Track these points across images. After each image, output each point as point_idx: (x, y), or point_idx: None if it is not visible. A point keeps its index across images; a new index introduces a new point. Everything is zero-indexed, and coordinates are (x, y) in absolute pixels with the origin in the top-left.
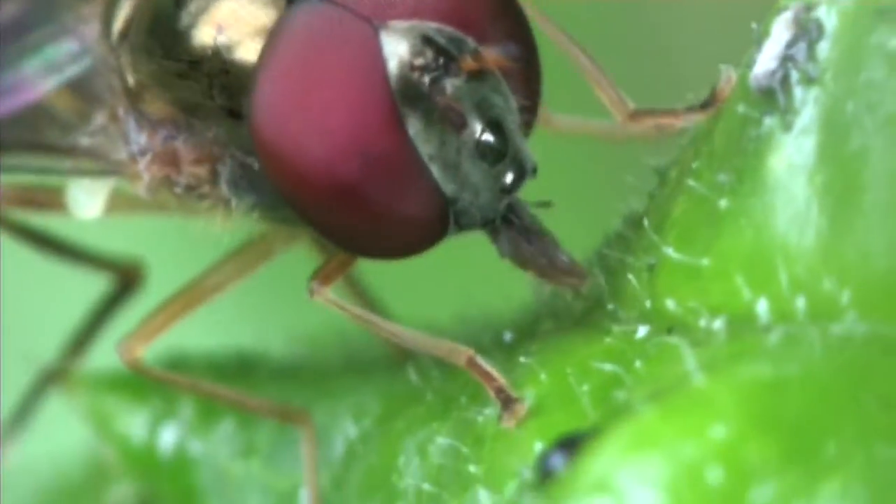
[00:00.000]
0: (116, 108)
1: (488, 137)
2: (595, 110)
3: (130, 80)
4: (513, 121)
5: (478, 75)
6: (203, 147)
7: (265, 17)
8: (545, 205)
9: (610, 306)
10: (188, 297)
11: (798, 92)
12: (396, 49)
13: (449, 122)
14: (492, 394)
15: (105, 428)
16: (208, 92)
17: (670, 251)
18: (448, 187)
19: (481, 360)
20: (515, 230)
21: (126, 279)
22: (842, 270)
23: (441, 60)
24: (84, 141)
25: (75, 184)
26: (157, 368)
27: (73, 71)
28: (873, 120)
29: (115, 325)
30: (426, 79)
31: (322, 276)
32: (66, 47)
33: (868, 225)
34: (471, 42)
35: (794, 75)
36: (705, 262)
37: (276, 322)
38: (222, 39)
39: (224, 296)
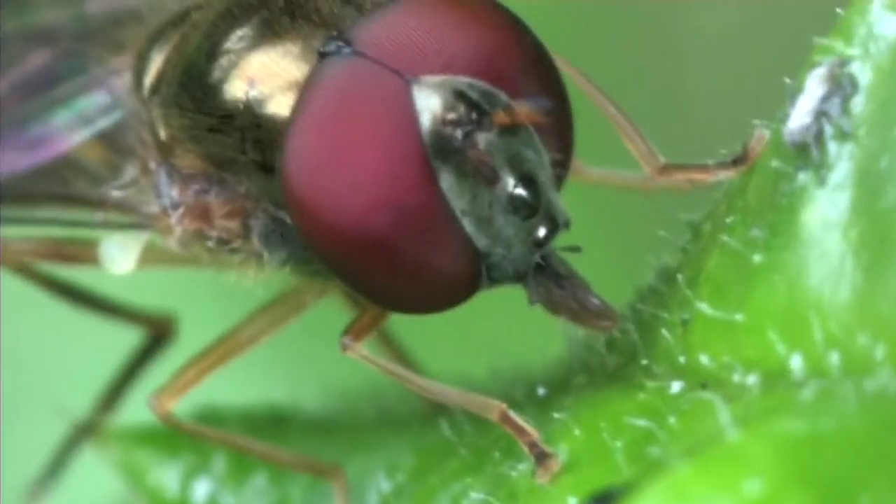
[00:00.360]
0: (147, 161)
1: (521, 192)
2: (626, 162)
3: (162, 133)
4: (545, 175)
5: (510, 130)
6: (235, 201)
7: (297, 71)
8: (574, 249)
9: (644, 361)
10: (221, 351)
11: (832, 147)
12: (429, 103)
13: (481, 176)
14: (525, 448)
15: (138, 481)
16: (240, 146)
17: (704, 306)
18: (481, 242)
19: (514, 415)
20: (545, 275)
21: (158, 332)
22: (876, 326)
23: (473, 115)
24: (115, 194)
25: (108, 238)
26: (189, 422)
27: (103, 123)
28: None
29: (148, 378)
30: (459, 133)
31: (354, 331)
32: (96, 99)
33: None
34: (503, 96)
35: (829, 130)
36: (739, 317)
37: (309, 376)
38: (254, 94)
39: (256, 349)
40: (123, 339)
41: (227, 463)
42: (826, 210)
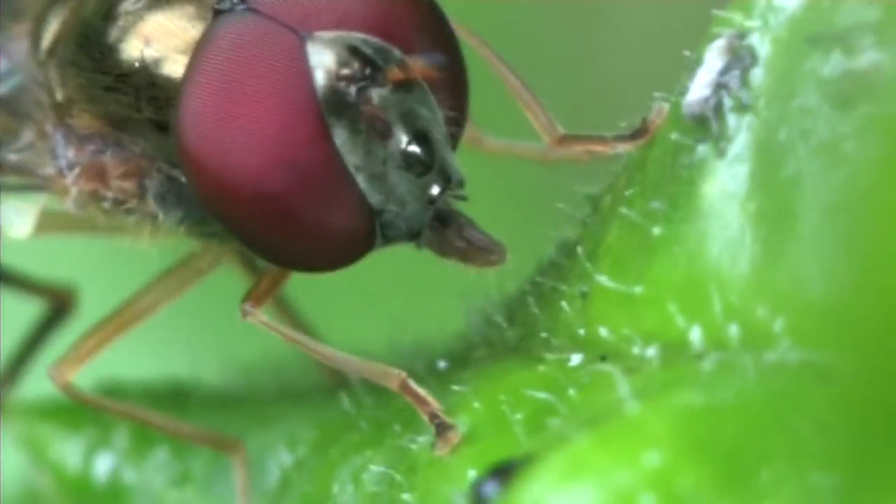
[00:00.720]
0: (44, 124)
1: (414, 148)
2: (525, 134)
3: (59, 95)
4: (439, 132)
5: (404, 86)
6: (130, 161)
7: (192, 29)
8: (462, 198)
9: (543, 334)
10: (120, 319)
11: (731, 119)
12: (322, 59)
13: (375, 131)
14: (425, 418)
15: (40, 456)
16: (136, 105)
17: (603, 279)
18: (374, 198)
19: (414, 384)
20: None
21: (59, 304)
22: (775, 298)
23: (367, 71)
24: (11, 157)
25: (4, 202)
26: (90, 393)
27: (1, 89)
28: (806, 147)
29: (49, 350)
30: (352, 89)
31: (253, 297)
32: None
33: (801, 252)
34: (397, 52)
35: (728, 102)
36: (638, 289)
37: (210, 350)
38: (150, 52)
39: (156, 324)
40: (21, 311)
41: (129, 437)
42: (725, 182)
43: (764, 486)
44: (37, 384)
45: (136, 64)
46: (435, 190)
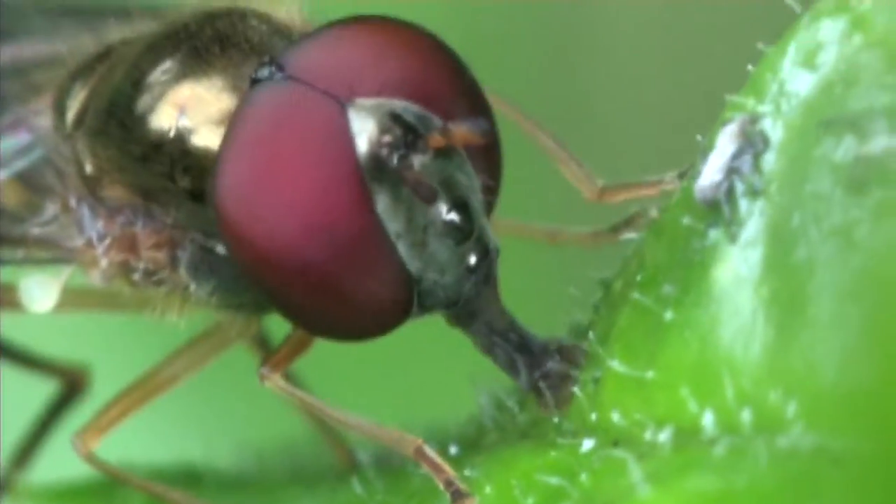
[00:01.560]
0: (68, 197)
1: (455, 216)
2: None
3: (87, 166)
4: (477, 200)
5: (444, 153)
6: (162, 231)
7: (228, 97)
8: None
9: (555, 419)
10: (144, 389)
11: (743, 204)
12: (364, 126)
13: (420, 196)
14: (441, 486)
15: None
16: (170, 174)
17: (615, 364)
18: (414, 266)
19: (430, 451)
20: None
21: (72, 383)
22: (788, 383)
23: (409, 137)
24: (35, 231)
25: (27, 278)
26: (111, 464)
27: (22, 164)
28: (819, 231)
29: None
30: (394, 156)
31: (273, 361)
32: (15, 140)
33: (814, 337)
34: (437, 119)
35: (740, 187)
36: (650, 374)
37: (224, 433)
38: (184, 122)
39: (169, 406)
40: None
41: None
42: (737, 267)
43: None
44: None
45: (170, 133)
46: (473, 259)
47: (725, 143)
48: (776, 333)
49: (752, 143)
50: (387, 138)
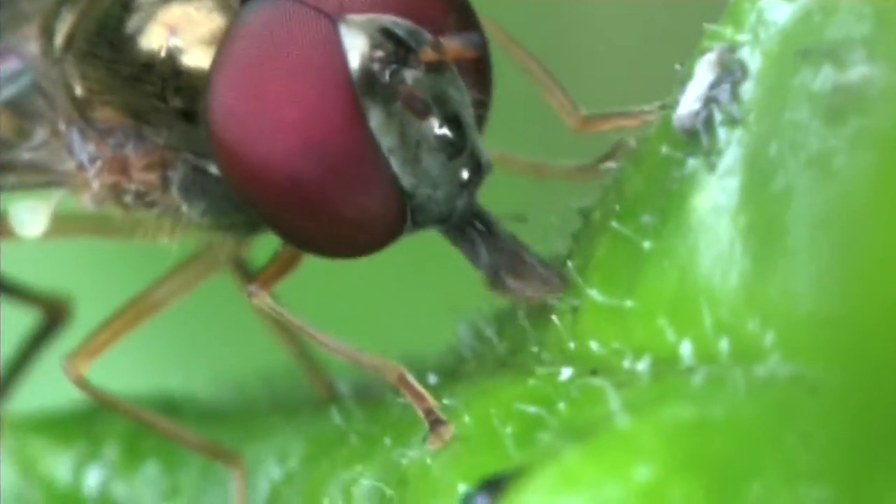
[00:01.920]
0: (58, 121)
1: (447, 130)
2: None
3: (77, 88)
4: (469, 115)
5: (436, 68)
6: (154, 152)
7: (219, 16)
8: (520, 219)
9: (534, 348)
10: (133, 313)
11: (722, 133)
12: (356, 42)
13: (413, 110)
14: (420, 413)
15: (30, 470)
16: (160, 95)
17: (594, 293)
18: (406, 180)
19: (412, 379)
20: (482, 237)
21: (54, 314)
22: (765, 312)
23: (401, 52)
24: (25, 156)
25: (16, 203)
26: (101, 389)
27: (11, 91)
28: (796, 160)
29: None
30: (386, 71)
31: (262, 279)
32: (4, 68)
33: (791, 266)
34: (428, 34)
35: (718, 116)
36: (629, 303)
37: (201, 364)
38: (175, 42)
39: (147, 337)
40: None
41: (119, 451)
42: (716, 196)
43: (755, 500)
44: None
45: (161, 53)
46: (465, 174)
47: (704, 72)
48: (754, 262)
49: (731, 71)
50: (378, 53)
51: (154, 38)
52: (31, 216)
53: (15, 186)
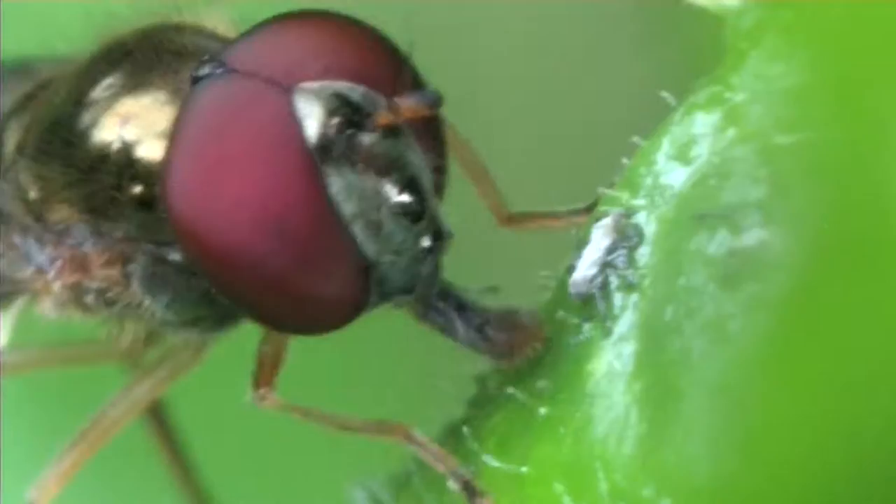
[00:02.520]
0: (12, 233)
1: (407, 195)
2: None
3: (32, 192)
4: (428, 180)
5: (392, 133)
6: (113, 247)
7: (171, 100)
8: (493, 290)
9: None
10: (99, 430)
11: (618, 298)
12: (310, 109)
13: (369, 178)
14: (440, 468)
15: None
16: (117, 186)
17: (489, 458)
18: (369, 248)
19: (422, 437)
20: (445, 302)
21: None
22: (661, 478)
23: (356, 117)
24: None
25: None
26: None
27: None
28: (692, 325)
29: None
30: (344, 137)
31: (263, 379)
32: None
33: (687, 432)
34: (382, 98)
35: (614, 281)
36: (524, 469)
37: None
38: (128, 129)
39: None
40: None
41: None
42: (611, 362)
43: None
44: None
45: (115, 144)
46: (427, 241)
47: (599, 238)
48: (649, 428)
49: (627, 237)
50: (334, 119)
51: (107, 130)
52: None
53: None
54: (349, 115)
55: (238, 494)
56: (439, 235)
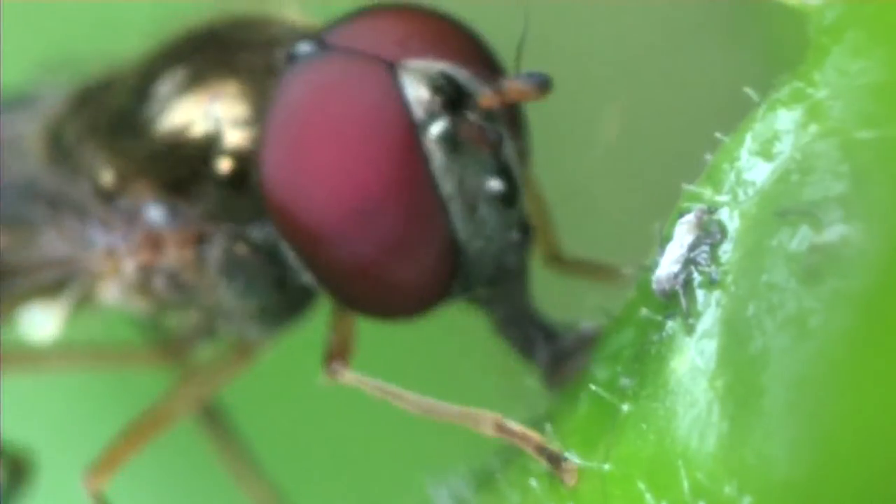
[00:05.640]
0: (68, 218)
1: (503, 179)
2: None
3: (103, 176)
4: (517, 167)
5: (491, 117)
6: (189, 226)
7: (264, 79)
8: (572, 327)
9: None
10: (152, 420)
11: (700, 295)
12: (416, 87)
13: (469, 160)
14: (533, 454)
15: None
16: (200, 165)
17: (572, 456)
18: (462, 231)
19: (511, 423)
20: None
21: (16, 468)
22: (742, 476)
23: (460, 98)
24: (38, 254)
25: (30, 305)
26: None
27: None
28: (773, 322)
29: None
30: (447, 115)
31: (336, 354)
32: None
33: (767, 429)
34: (486, 81)
35: (697, 278)
36: (607, 467)
37: None
38: (216, 108)
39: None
40: None
41: None
42: (694, 358)
43: None
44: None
45: (202, 122)
46: (515, 234)
47: (682, 234)
48: (731, 425)
49: (709, 233)
50: (439, 98)
51: (194, 109)
52: (43, 317)
53: (32, 287)
54: (453, 94)
55: (320, 493)
56: (526, 229)
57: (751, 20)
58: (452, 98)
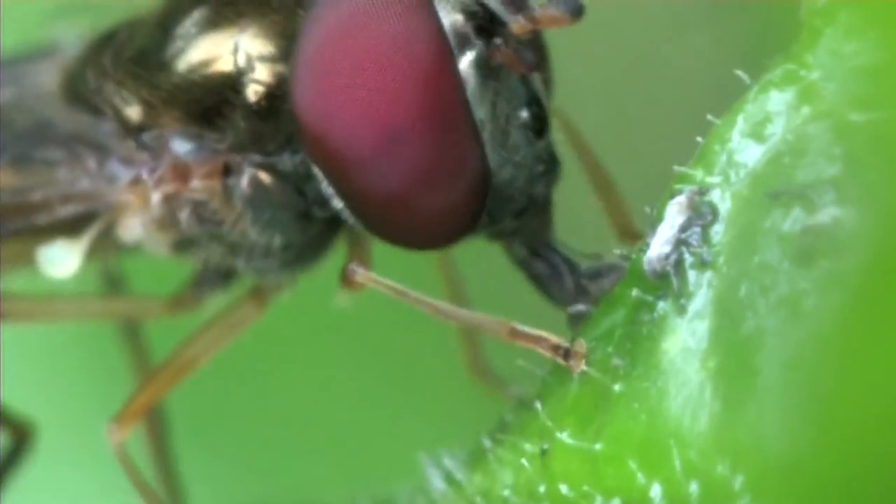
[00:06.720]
0: (88, 157)
1: (534, 107)
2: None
3: (129, 110)
4: (545, 98)
5: (522, 47)
6: (216, 157)
7: (294, 6)
8: (596, 257)
9: (504, 491)
10: (174, 368)
11: (692, 276)
12: (450, 11)
13: (502, 86)
14: (548, 354)
15: None
16: (229, 94)
17: (564, 436)
18: (494, 157)
19: (525, 328)
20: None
21: (19, 438)
22: (735, 454)
23: (495, 22)
24: (59, 189)
25: (48, 243)
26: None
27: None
28: (766, 302)
29: None
30: (482, 40)
31: (355, 257)
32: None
33: (761, 408)
34: (518, 9)
35: (688, 259)
36: (599, 446)
37: None
38: (246, 38)
39: None
40: None
41: None
42: (685, 339)
43: None
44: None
45: (231, 52)
46: (542, 165)
47: (674, 215)
48: (723, 405)
49: (701, 214)
50: (475, 23)
51: (223, 38)
52: (64, 253)
53: (47, 224)
54: (486, 20)
55: (310, 476)
56: (554, 160)
57: (743, 2)
58: (486, 24)
